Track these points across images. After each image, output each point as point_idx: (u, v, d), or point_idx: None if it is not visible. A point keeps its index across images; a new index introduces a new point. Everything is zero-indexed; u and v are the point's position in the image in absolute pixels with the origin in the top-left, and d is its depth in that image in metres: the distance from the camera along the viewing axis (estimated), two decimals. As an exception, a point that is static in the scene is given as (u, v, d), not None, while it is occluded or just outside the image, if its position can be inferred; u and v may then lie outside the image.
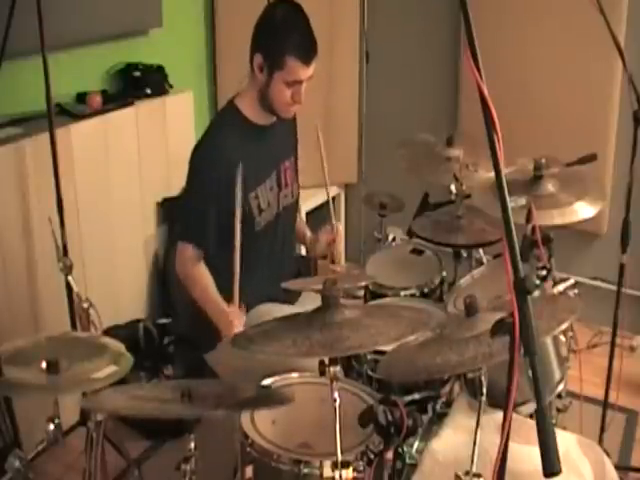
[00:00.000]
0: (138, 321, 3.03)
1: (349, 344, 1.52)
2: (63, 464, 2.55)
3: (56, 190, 2.44)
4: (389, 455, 1.73)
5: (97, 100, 2.94)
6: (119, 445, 2.40)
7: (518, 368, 1.11)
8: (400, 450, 1.78)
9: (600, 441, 2.47)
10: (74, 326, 2.38)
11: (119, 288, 3.08)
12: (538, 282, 1.92)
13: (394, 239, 2.76)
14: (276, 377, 1.88)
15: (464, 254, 2.54)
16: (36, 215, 2.62)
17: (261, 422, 1.71)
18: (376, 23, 3.83)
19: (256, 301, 2.25)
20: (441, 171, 2.54)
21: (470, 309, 1.62)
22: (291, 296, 2.35)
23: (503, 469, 1.22)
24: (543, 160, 2.20)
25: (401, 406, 1.61)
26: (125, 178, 3.06)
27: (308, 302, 2.26)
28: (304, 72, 2.10)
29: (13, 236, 2.59)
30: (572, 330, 2.03)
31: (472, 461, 1.48)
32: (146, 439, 2.77)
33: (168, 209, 3.26)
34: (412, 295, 2.38)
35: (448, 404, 1.99)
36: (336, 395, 1.51)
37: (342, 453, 1.50)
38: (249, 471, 1.65)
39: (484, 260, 2.52)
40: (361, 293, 2.51)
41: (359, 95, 3.93)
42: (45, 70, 2.33)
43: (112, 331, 2.68)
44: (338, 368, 1.55)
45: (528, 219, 1.94)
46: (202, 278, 2.19)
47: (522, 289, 1.06)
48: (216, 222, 2.15)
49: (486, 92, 1.07)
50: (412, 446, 1.82)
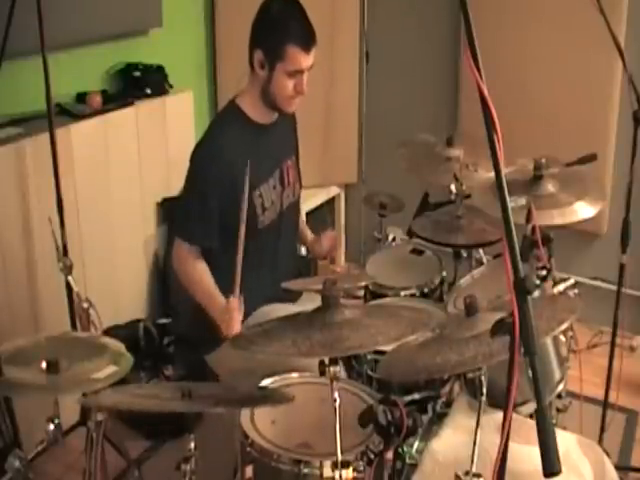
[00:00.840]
0: (138, 321, 3.03)
1: (349, 344, 1.52)
2: (63, 464, 2.55)
3: (56, 190, 2.44)
4: (389, 455, 1.73)
5: (97, 100, 2.94)
6: (119, 445, 2.40)
7: (518, 368, 1.11)
8: (400, 450, 1.78)
9: (600, 441, 2.47)
10: (74, 326, 2.38)
11: (119, 288, 3.08)
12: (538, 282, 1.92)
13: (394, 239, 2.76)
14: (276, 377, 1.89)
15: (464, 254, 2.54)
16: (36, 215, 2.62)
17: (261, 422, 1.71)
18: (376, 23, 3.83)
19: (257, 299, 2.25)
20: (441, 171, 2.54)
21: (470, 309, 1.62)
22: (291, 296, 2.35)
23: (503, 469, 1.22)
24: (543, 160, 2.20)
25: (401, 406, 1.61)
26: (125, 178, 3.06)
27: (308, 302, 2.26)
28: (305, 60, 2.10)
29: (13, 236, 2.59)
30: (572, 330, 2.03)
31: (472, 461, 1.48)
32: (146, 439, 2.77)
33: (168, 209, 3.25)
34: (412, 295, 2.38)
35: (448, 404, 1.99)
36: (336, 395, 1.51)
37: (342, 453, 1.50)
38: (249, 471, 1.65)
39: (484, 260, 2.52)
40: (361, 293, 2.51)
41: (359, 95, 3.93)
42: (45, 70, 2.33)
43: (112, 331, 2.68)
44: (339, 368, 1.56)
45: (528, 219, 1.94)
46: (199, 274, 2.18)
47: (522, 289, 1.06)
48: (216, 220, 2.15)
49: (486, 92, 1.07)
50: (412, 446, 1.82)
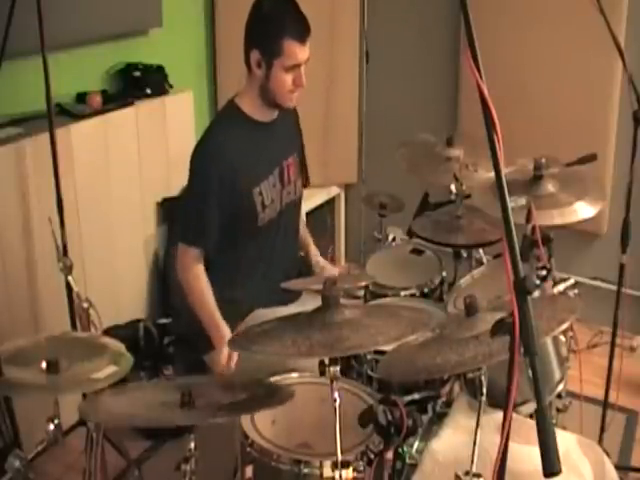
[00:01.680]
0: (138, 321, 3.03)
1: (349, 344, 1.52)
2: (63, 464, 2.55)
3: (56, 190, 2.44)
4: (389, 455, 1.73)
5: (97, 100, 2.94)
6: (119, 445, 2.40)
7: (518, 368, 1.11)
8: (400, 450, 1.77)
9: (600, 441, 2.47)
10: (74, 326, 2.38)
11: (119, 288, 3.08)
12: (538, 282, 1.92)
13: (394, 239, 2.76)
14: (276, 377, 1.88)
15: (464, 254, 2.54)
16: (36, 215, 2.62)
17: (261, 422, 1.71)
18: (376, 23, 3.83)
19: (256, 297, 2.25)
20: (441, 171, 2.54)
21: (470, 309, 1.61)
22: (291, 296, 2.35)
23: (503, 469, 1.22)
24: (543, 160, 2.20)
25: (401, 406, 1.61)
26: (125, 178, 3.06)
27: (308, 302, 2.26)
28: (302, 52, 2.10)
29: (13, 236, 2.59)
30: (572, 330, 2.03)
31: (472, 461, 1.48)
32: (146, 439, 2.77)
33: (168, 209, 3.25)
34: (412, 295, 2.38)
35: (448, 404, 1.99)
36: (336, 395, 1.51)
37: (342, 453, 1.50)
38: (249, 471, 1.65)
39: (484, 260, 2.51)
40: (361, 293, 2.51)
41: (359, 95, 3.93)
42: (45, 70, 2.33)
43: (112, 331, 2.68)
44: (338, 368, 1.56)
45: (528, 219, 1.94)
46: (201, 284, 2.18)
47: (522, 289, 1.06)
48: (217, 221, 2.15)
49: (486, 92, 1.07)
50: (412, 446, 1.82)
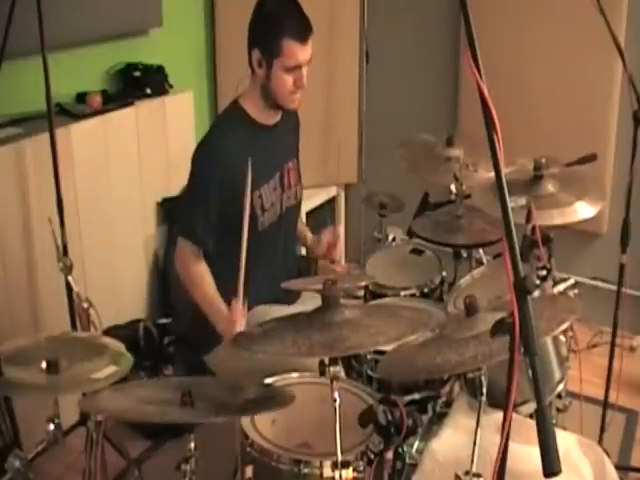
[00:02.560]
0: (138, 321, 3.03)
1: (349, 344, 1.52)
2: (63, 464, 2.55)
3: (56, 190, 2.44)
4: (389, 455, 1.73)
5: (97, 100, 2.94)
6: (119, 445, 2.40)
7: (518, 368, 1.11)
8: (400, 450, 1.77)
9: (600, 441, 2.47)
10: (74, 326, 2.38)
11: (119, 288, 3.08)
12: (538, 282, 1.92)
13: (394, 239, 2.76)
14: (276, 377, 1.88)
15: (464, 254, 2.54)
16: (36, 215, 2.62)
17: (261, 422, 1.71)
18: (376, 23, 3.83)
19: (257, 301, 2.24)
20: (441, 171, 2.54)
21: (470, 309, 1.61)
22: (291, 296, 2.35)
23: (503, 469, 1.22)
24: (543, 160, 2.20)
25: (401, 406, 1.61)
26: (125, 178, 3.06)
27: (308, 302, 2.26)
28: (302, 53, 2.09)
29: (13, 236, 2.59)
30: (572, 330, 2.03)
31: (472, 461, 1.48)
32: (146, 439, 2.77)
33: (168, 209, 3.26)
34: (412, 295, 2.38)
35: (448, 404, 1.99)
36: (336, 395, 1.51)
37: (342, 453, 1.50)
38: (249, 471, 1.65)
39: (484, 260, 2.51)
40: (361, 293, 2.51)
41: (359, 95, 3.93)
42: (45, 70, 2.33)
43: (112, 331, 2.68)
44: (338, 368, 1.56)
45: (528, 219, 1.94)
46: (201, 277, 2.18)
47: (522, 289, 1.06)
48: (216, 221, 2.15)
49: (486, 92, 1.07)
50: (412, 446, 1.82)
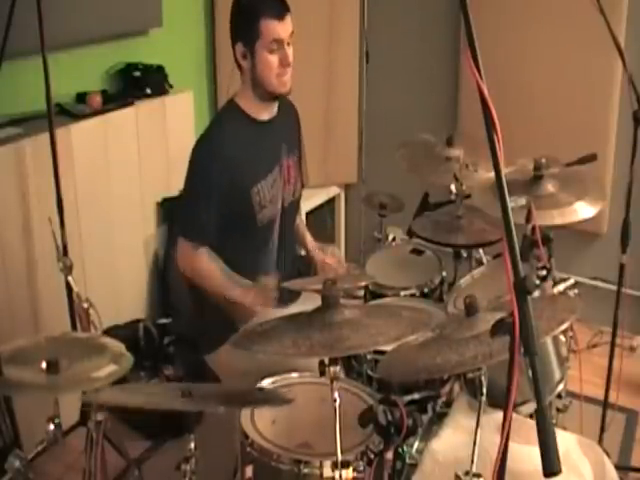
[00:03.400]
0: (138, 321, 3.03)
1: (349, 344, 1.52)
2: (63, 464, 2.55)
3: (56, 190, 2.44)
4: (389, 455, 1.73)
5: (97, 100, 2.94)
6: (119, 445, 2.40)
7: (518, 368, 1.11)
8: (400, 450, 1.77)
9: (600, 441, 2.47)
10: (74, 326, 2.38)
11: (119, 288, 3.08)
12: (538, 282, 1.92)
13: (394, 239, 2.76)
14: (276, 377, 1.88)
15: (464, 254, 2.54)
16: (36, 215, 2.62)
17: (261, 422, 1.71)
18: (376, 23, 3.83)
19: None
20: (441, 171, 2.54)
21: (470, 309, 1.61)
22: (291, 295, 2.35)
23: (503, 469, 1.22)
24: (543, 160, 2.20)
25: (401, 406, 1.61)
26: (125, 178, 3.06)
27: (308, 302, 2.26)
28: (282, 28, 2.08)
29: (13, 236, 2.59)
30: (572, 330, 2.03)
31: (472, 461, 1.48)
32: (146, 439, 2.77)
33: (168, 209, 3.26)
34: (412, 295, 2.38)
35: (448, 404, 1.99)
36: (336, 395, 1.51)
37: (342, 453, 1.50)
38: (249, 471, 1.65)
39: (484, 260, 2.51)
40: (361, 293, 2.51)
41: (359, 95, 3.93)
42: (45, 70, 2.33)
43: (112, 331, 2.68)
44: (338, 368, 1.56)
45: (528, 219, 1.94)
46: (208, 268, 2.15)
47: (522, 289, 1.06)
48: (217, 217, 2.15)
49: (486, 92, 1.07)
50: (412, 446, 1.82)
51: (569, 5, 3.19)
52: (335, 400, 1.51)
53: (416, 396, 2.02)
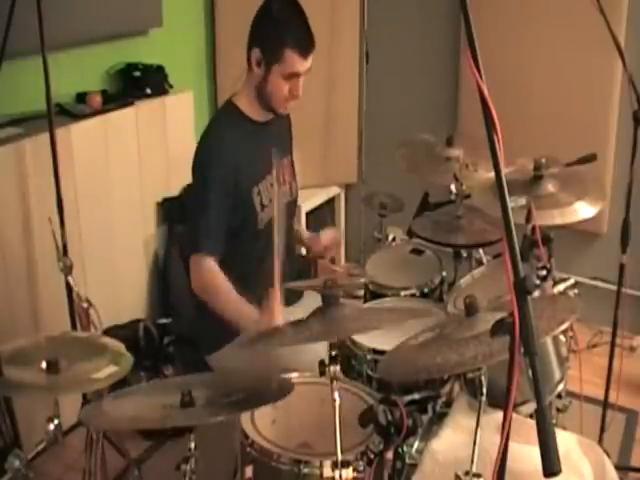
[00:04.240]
0: (138, 321, 3.03)
1: (349, 327, 1.52)
2: (63, 464, 2.55)
3: (56, 190, 2.44)
4: (389, 455, 1.73)
5: (97, 100, 2.94)
6: (119, 445, 2.40)
7: (518, 368, 1.11)
8: (400, 450, 1.77)
9: (600, 441, 2.47)
10: (74, 326, 2.38)
11: (119, 288, 3.08)
12: (538, 282, 1.92)
13: (394, 239, 2.76)
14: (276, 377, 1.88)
15: (464, 254, 2.54)
16: (36, 215, 2.62)
17: (261, 422, 1.71)
18: (376, 23, 3.83)
19: (257, 300, 2.24)
20: (441, 171, 2.54)
21: (470, 309, 1.61)
22: (292, 296, 2.35)
23: (503, 469, 1.22)
24: (543, 160, 2.20)
25: (401, 406, 1.61)
26: (125, 178, 3.06)
27: (309, 303, 2.26)
28: (302, 65, 2.10)
29: (13, 236, 2.59)
30: (572, 330, 2.03)
31: (472, 461, 1.48)
32: (146, 439, 2.77)
33: (168, 209, 3.26)
34: (412, 295, 2.38)
35: (448, 404, 1.99)
36: (336, 395, 1.51)
37: (342, 453, 1.50)
38: (249, 471, 1.65)
39: (484, 260, 2.51)
40: (361, 293, 2.50)
41: (359, 95, 3.93)
42: (45, 70, 2.33)
43: (112, 331, 2.68)
44: (337, 367, 1.56)
45: (528, 219, 1.94)
46: (223, 285, 2.10)
47: (522, 289, 1.06)
48: (225, 224, 2.14)
49: (486, 92, 1.07)
50: (412, 446, 1.82)
51: (569, 5, 3.19)
52: (335, 400, 1.51)
53: (416, 396, 2.02)
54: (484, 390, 1.54)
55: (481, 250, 2.53)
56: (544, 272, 1.94)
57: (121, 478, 2.50)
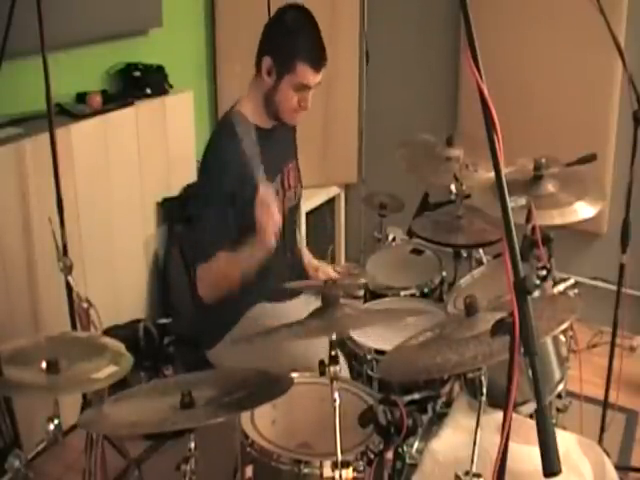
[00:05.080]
0: (138, 321, 3.03)
1: (347, 323, 1.52)
2: (63, 464, 2.55)
3: (56, 190, 2.44)
4: (389, 455, 1.73)
5: (97, 100, 2.94)
6: (119, 445, 2.40)
7: (518, 368, 1.11)
8: (400, 450, 1.78)
9: (600, 441, 2.47)
10: (74, 326, 2.38)
11: (119, 288, 3.08)
12: (538, 282, 1.92)
13: (394, 239, 2.76)
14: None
15: (464, 254, 2.54)
16: (36, 215, 2.62)
17: (261, 422, 1.71)
18: (376, 23, 3.83)
19: (258, 300, 2.24)
20: (441, 171, 2.54)
21: (470, 309, 1.62)
22: (293, 296, 2.35)
23: (503, 469, 1.22)
24: (543, 160, 2.20)
25: (401, 406, 1.61)
26: (125, 178, 3.06)
27: (310, 301, 2.27)
28: (313, 78, 2.11)
29: (13, 236, 2.59)
30: (572, 330, 2.03)
31: (472, 461, 1.48)
32: (146, 439, 2.77)
33: (168, 209, 3.25)
34: (412, 295, 2.38)
35: (448, 404, 1.99)
36: (336, 395, 1.51)
37: (342, 453, 1.50)
38: (249, 471, 1.65)
39: (484, 260, 2.51)
40: (361, 293, 2.51)
41: (359, 95, 3.93)
42: (45, 70, 2.33)
43: (112, 331, 2.67)
44: (339, 368, 1.56)
45: (528, 219, 1.94)
46: (230, 278, 2.08)
47: (522, 289, 1.06)
48: (231, 226, 2.14)
49: (486, 92, 1.07)
50: (412, 446, 1.82)
51: (569, 5, 3.19)
52: (335, 400, 1.51)
53: (416, 396, 2.02)
54: (484, 390, 1.54)
55: (481, 250, 2.53)
56: (544, 272, 1.94)
57: (121, 478, 2.50)
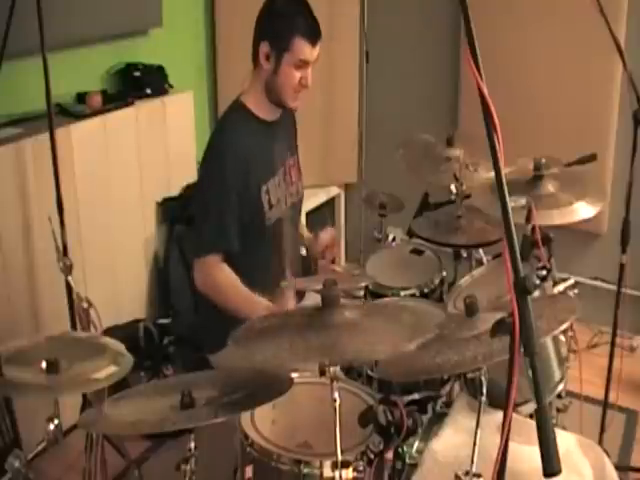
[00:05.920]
0: (138, 321, 3.03)
1: (346, 349, 1.51)
2: (63, 464, 2.54)
3: (56, 190, 2.44)
4: (389, 455, 1.73)
5: (97, 100, 2.94)
6: (119, 445, 2.40)
7: (518, 368, 1.11)
8: (400, 450, 1.77)
9: (600, 441, 2.46)
10: (74, 326, 2.38)
11: (119, 288, 3.08)
12: (538, 282, 1.92)
13: (394, 239, 2.75)
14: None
15: (464, 254, 2.54)
16: (36, 215, 2.62)
17: (261, 422, 1.71)
18: (376, 23, 3.83)
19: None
20: (441, 171, 2.54)
21: (470, 309, 1.61)
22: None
23: (503, 469, 1.22)
24: (543, 160, 2.20)
25: (401, 406, 1.61)
26: (125, 178, 3.06)
27: (310, 302, 2.26)
28: (311, 52, 2.12)
29: (13, 236, 2.59)
30: (572, 330, 2.03)
31: (472, 461, 1.48)
32: (146, 439, 2.77)
33: (168, 209, 3.26)
34: (412, 295, 2.38)
35: (448, 404, 1.99)
36: (336, 395, 1.51)
37: (342, 453, 1.50)
38: (249, 471, 1.65)
39: (484, 260, 2.51)
40: (361, 293, 2.50)
41: (359, 95, 3.93)
42: (45, 70, 2.33)
43: (112, 331, 2.67)
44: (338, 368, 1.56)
45: (528, 219, 1.94)
46: (231, 281, 2.12)
47: (522, 289, 1.06)
48: (235, 223, 2.14)
49: (486, 92, 1.07)
50: (412, 446, 1.82)
51: (569, 5, 3.19)
52: (335, 400, 1.51)
53: (416, 396, 2.02)
54: (484, 390, 1.54)
55: (481, 250, 2.53)
56: (544, 272, 1.94)
57: (121, 478, 2.50)
